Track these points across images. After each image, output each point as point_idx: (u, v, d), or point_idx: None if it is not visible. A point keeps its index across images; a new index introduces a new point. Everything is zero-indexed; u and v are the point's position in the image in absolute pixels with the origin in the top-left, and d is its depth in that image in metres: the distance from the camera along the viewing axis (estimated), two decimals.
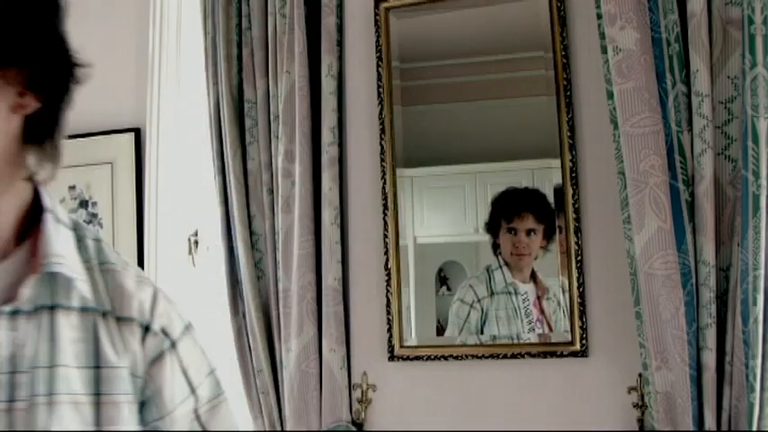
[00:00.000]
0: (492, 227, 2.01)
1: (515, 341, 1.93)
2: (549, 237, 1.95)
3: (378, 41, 2.07)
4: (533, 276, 1.96)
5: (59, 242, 0.81)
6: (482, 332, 1.96)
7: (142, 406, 0.83)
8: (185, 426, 0.86)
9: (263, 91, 2.13)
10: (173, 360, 0.85)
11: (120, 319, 0.83)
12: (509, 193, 2.00)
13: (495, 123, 2.02)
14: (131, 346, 0.82)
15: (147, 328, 0.84)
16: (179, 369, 0.86)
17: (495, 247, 2.01)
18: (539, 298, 1.95)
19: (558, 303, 1.93)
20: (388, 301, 2.01)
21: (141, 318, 0.84)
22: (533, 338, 1.93)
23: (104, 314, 0.82)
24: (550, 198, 1.93)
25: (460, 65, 2.04)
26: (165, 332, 0.85)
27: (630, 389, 1.82)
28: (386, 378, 2.04)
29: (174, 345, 0.86)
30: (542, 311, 1.94)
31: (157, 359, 0.84)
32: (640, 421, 1.80)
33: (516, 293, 1.96)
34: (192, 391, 0.87)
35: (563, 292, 1.89)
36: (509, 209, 2.00)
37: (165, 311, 0.87)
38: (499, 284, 1.97)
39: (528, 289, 1.96)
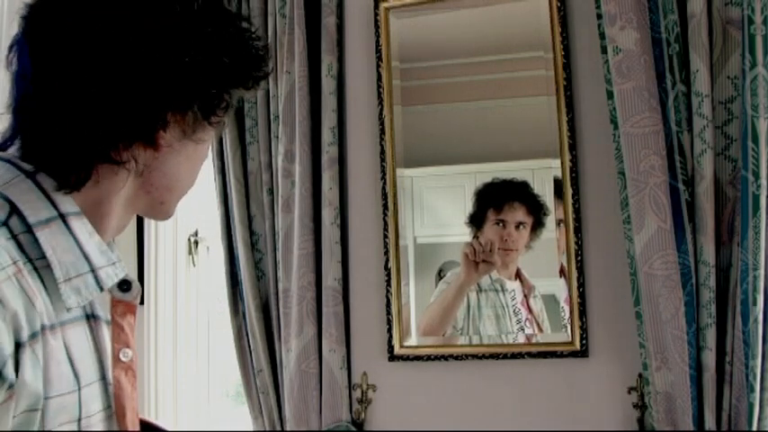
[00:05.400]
0: (477, 219, 1.95)
1: (515, 341, 1.92)
2: (534, 233, 1.91)
3: (378, 41, 2.07)
4: (518, 274, 1.93)
5: None
6: (472, 329, 1.93)
7: None
8: None
9: (263, 91, 2.12)
10: None
11: None
12: (497, 182, 1.96)
13: (495, 123, 2.02)
14: None
15: None
16: None
17: None
18: (525, 297, 1.92)
19: (546, 303, 1.89)
20: (388, 301, 2.01)
21: None
22: (522, 338, 1.91)
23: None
24: (550, 197, 1.92)
25: (460, 65, 2.03)
26: None
27: (630, 389, 1.82)
28: (386, 378, 2.04)
29: None
30: (530, 311, 1.92)
31: None
32: (640, 421, 1.80)
33: (503, 291, 1.93)
34: None
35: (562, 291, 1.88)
36: (499, 197, 1.93)
37: None
38: (485, 280, 1.95)
39: (515, 287, 1.93)
